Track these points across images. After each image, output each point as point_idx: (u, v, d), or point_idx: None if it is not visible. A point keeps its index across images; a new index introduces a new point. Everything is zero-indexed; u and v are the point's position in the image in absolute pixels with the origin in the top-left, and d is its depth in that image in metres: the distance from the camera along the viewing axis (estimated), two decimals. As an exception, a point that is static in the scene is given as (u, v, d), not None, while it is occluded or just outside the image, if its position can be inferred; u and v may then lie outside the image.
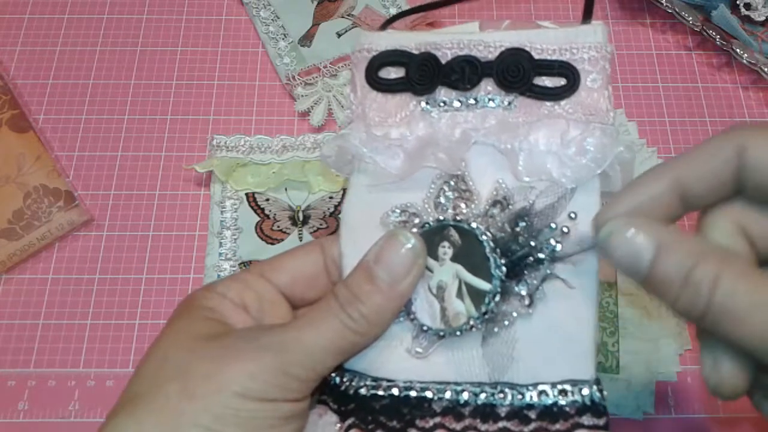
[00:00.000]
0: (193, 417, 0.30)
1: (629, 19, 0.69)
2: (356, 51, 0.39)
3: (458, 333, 0.33)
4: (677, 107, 0.64)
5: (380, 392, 0.33)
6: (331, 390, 0.35)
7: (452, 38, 0.37)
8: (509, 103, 0.35)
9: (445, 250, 0.34)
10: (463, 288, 0.33)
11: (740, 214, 0.30)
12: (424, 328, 0.33)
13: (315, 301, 0.36)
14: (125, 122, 0.63)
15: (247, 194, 0.59)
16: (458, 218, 0.34)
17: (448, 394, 0.32)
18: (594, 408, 0.31)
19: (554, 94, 0.35)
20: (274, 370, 0.31)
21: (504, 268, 0.33)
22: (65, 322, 0.55)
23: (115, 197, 0.60)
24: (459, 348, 0.33)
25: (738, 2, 0.64)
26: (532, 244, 0.33)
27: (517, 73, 0.35)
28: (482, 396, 0.32)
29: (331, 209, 0.59)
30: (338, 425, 0.33)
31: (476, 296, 0.33)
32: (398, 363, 0.34)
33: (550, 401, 0.31)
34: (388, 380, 0.34)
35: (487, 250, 0.33)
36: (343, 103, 0.62)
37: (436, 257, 0.34)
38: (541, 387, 0.32)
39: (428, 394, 0.33)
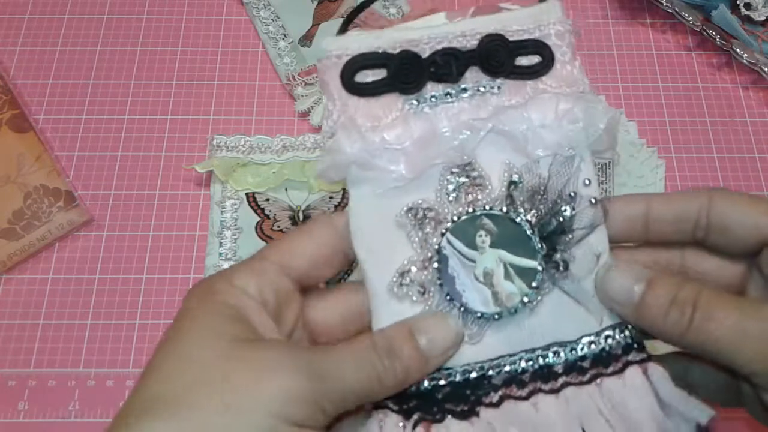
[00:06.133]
0: None
1: (629, 19, 0.69)
2: (324, 59, 0.37)
3: (513, 311, 0.34)
4: (677, 107, 0.64)
5: (441, 382, 0.34)
6: None
7: (429, 33, 0.37)
8: (498, 88, 0.37)
9: (483, 238, 0.35)
10: (510, 270, 0.35)
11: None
12: (479, 314, 0.34)
13: (327, 278, 0.36)
14: (125, 122, 0.63)
15: (247, 194, 0.59)
16: (476, 206, 0.35)
17: (507, 368, 0.34)
18: (636, 344, 0.34)
19: (534, 72, 0.37)
20: (309, 396, 0.31)
21: (543, 244, 0.35)
22: (65, 322, 0.55)
23: (115, 197, 0.60)
24: (507, 324, 0.35)
25: (738, 2, 0.64)
26: (559, 217, 0.35)
27: (499, 57, 0.36)
28: (540, 360, 0.34)
29: (331, 209, 0.59)
30: (402, 423, 0.34)
31: (524, 274, 0.35)
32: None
33: (599, 348, 0.34)
34: (446, 369, 0.35)
35: (527, 230, 0.35)
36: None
37: (474, 247, 0.35)
38: (587, 339, 0.35)
39: (489, 372, 0.34)
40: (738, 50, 0.63)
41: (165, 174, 0.61)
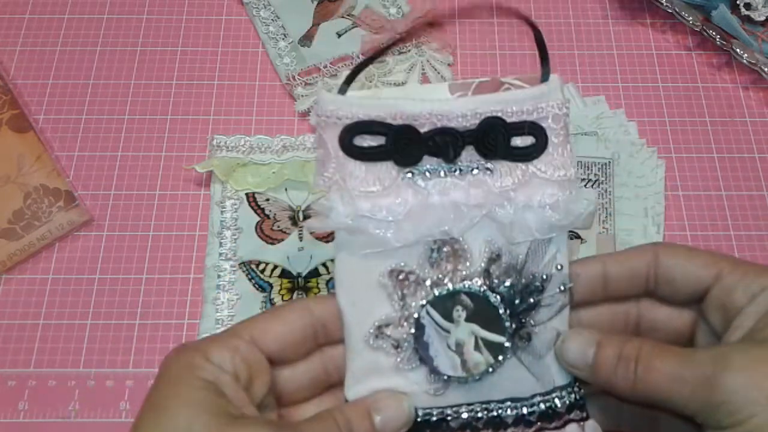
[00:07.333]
0: None
1: (629, 19, 0.69)
2: (322, 116, 0.38)
3: (478, 378, 0.38)
4: (677, 107, 0.64)
5: None
6: None
7: (430, 109, 0.38)
8: (490, 171, 0.39)
9: (459, 312, 0.38)
10: (480, 342, 0.38)
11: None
12: (445, 377, 0.38)
13: (296, 360, 0.39)
14: (125, 122, 0.63)
15: (247, 194, 0.59)
16: (456, 275, 0.38)
17: (464, 414, 0.38)
18: (578, 404, 0.39)
19: (527, 155, 0.39)
20: None
21: (512, 323, 0.38)
22: (65, 322, 0.55)
23: (115, 197, 0.60)
24: (471, 381, 0.39)
25: (738, 2, 0.64)
26: (531, 293, 0.39)
27: (496, 141, 0.38)
28: (493, 412, 0.39)
29: (331, 209, 0.59)
30: None
31: (492, 348, 0.38)
32: (416, 399, 0.38)
33: (545, 406, 0.39)
34: None
35: (501, 311, 0.38)
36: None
37: (451, 319, 0.38)
38: (537, 398, 0.39)
39: (449, 417, 0.38)
40: (738, 50, 0.63)
41: (165, 174, 0.61)
